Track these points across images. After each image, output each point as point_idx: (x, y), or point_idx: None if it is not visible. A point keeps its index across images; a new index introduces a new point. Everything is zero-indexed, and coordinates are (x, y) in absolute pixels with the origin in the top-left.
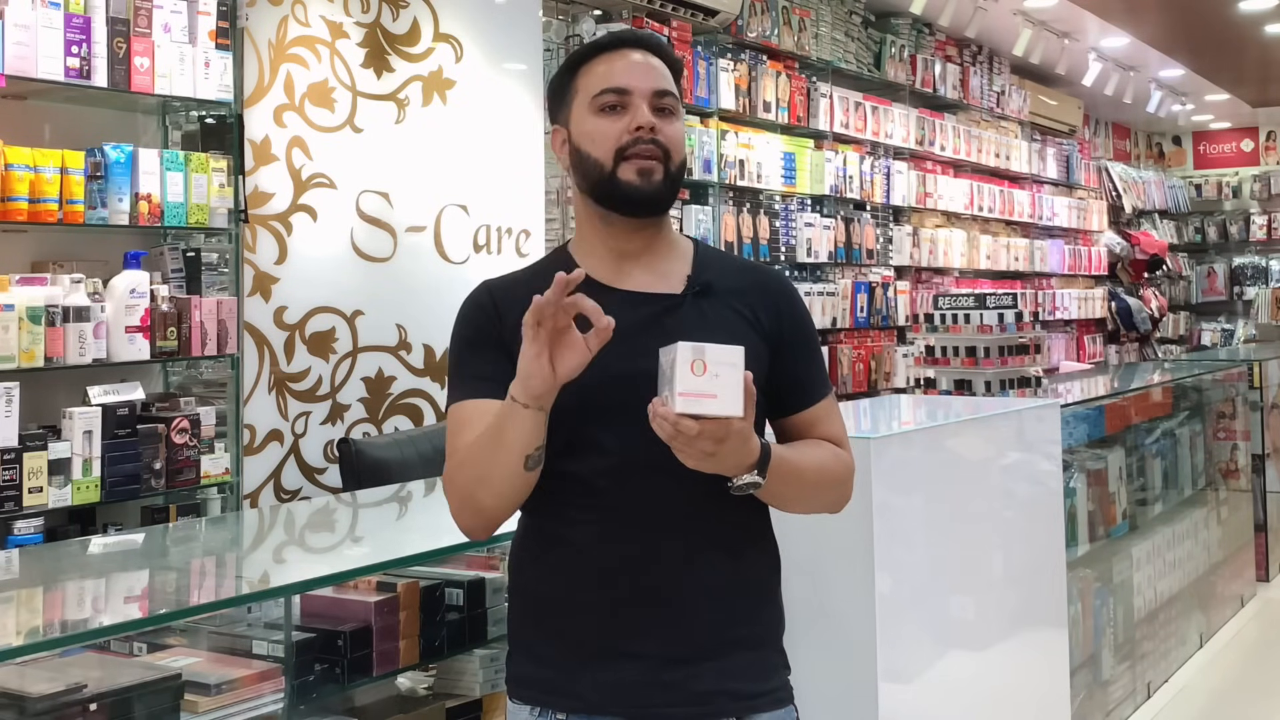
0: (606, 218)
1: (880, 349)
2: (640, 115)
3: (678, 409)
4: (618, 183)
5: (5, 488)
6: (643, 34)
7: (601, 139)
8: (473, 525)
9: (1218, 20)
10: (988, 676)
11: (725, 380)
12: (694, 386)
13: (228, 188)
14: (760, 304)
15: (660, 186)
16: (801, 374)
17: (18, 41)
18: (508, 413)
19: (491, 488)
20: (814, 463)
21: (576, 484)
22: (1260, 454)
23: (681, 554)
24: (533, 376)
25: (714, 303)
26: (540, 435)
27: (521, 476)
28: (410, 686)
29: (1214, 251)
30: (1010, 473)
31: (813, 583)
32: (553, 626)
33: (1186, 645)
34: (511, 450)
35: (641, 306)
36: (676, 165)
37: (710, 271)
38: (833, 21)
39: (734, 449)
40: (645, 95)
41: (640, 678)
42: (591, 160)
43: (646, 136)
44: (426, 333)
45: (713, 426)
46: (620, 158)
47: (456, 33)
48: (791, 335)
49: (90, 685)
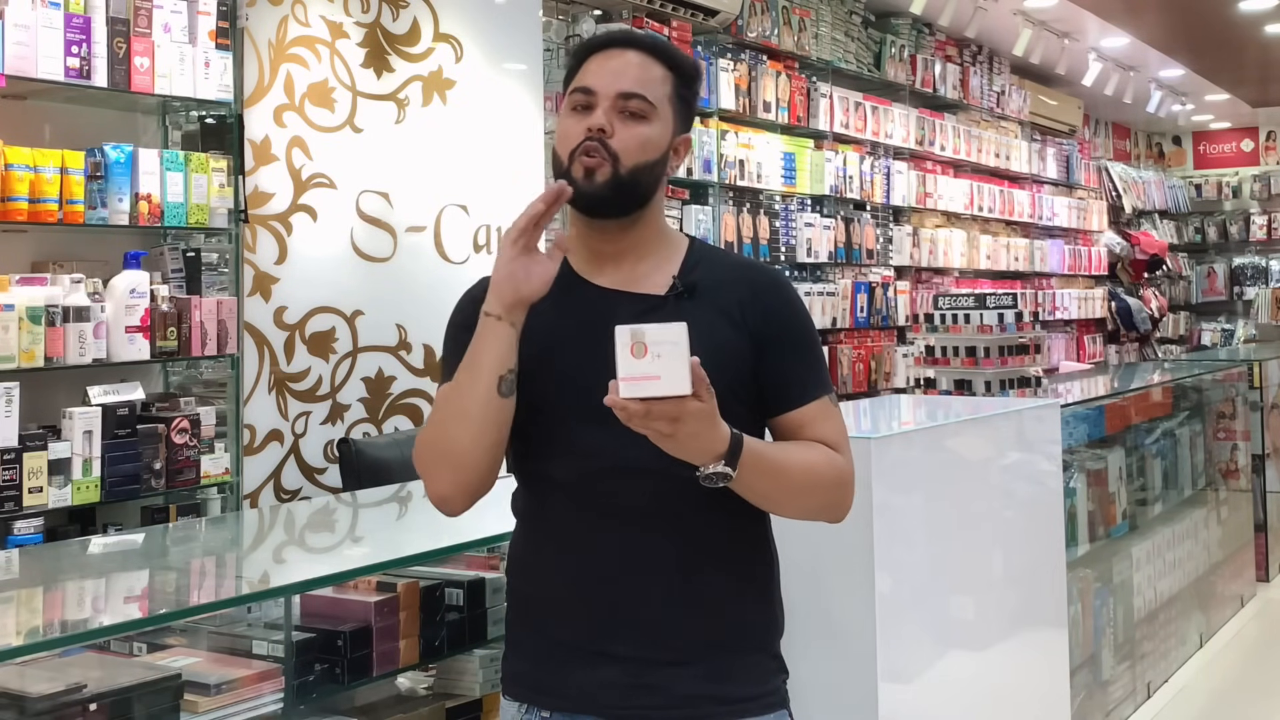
0: (582, 217)
1: (880, 349)
2: (594, 116)
3: (621, 394)
4: (571, 181)
5: (5, 488)
6: (639, 34)
7: (563, 138)
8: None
9: (1218, 20)
10: (988, 676)
11: (668, 359)
12: (636, 370)
13: (228, 188)
14: (748, 302)
15: (602, 188)
16: (791, 373)
17: (18, 41)
18: (481, 330)
19: (469, 424)
20: (800, 462)
21: (561, 487)
22: (1260, 454)
23: (667, 556)
24: (503, 283)
25: (698, 303)
26: (512, 357)
27: (495, 405)
28: (410, 686)
29: (1214, 251)
30: (1010, 473)
31: (813, 583)
32: (540, 626)
33: (1186, 645)
34: (485, 371)
35: (623, 307)
36: (628, 169)
37: (701, 272)
38: (833, 21)
39: (694, 431)
40: (608, 96)
41: (621, 679)
42: (556, 157)
43: (594, 137)
44: (426, 333)
45: (664, 406)
46: (573, 157)
47: (456, 33)
48: (780, 334)
49: (90, 685)
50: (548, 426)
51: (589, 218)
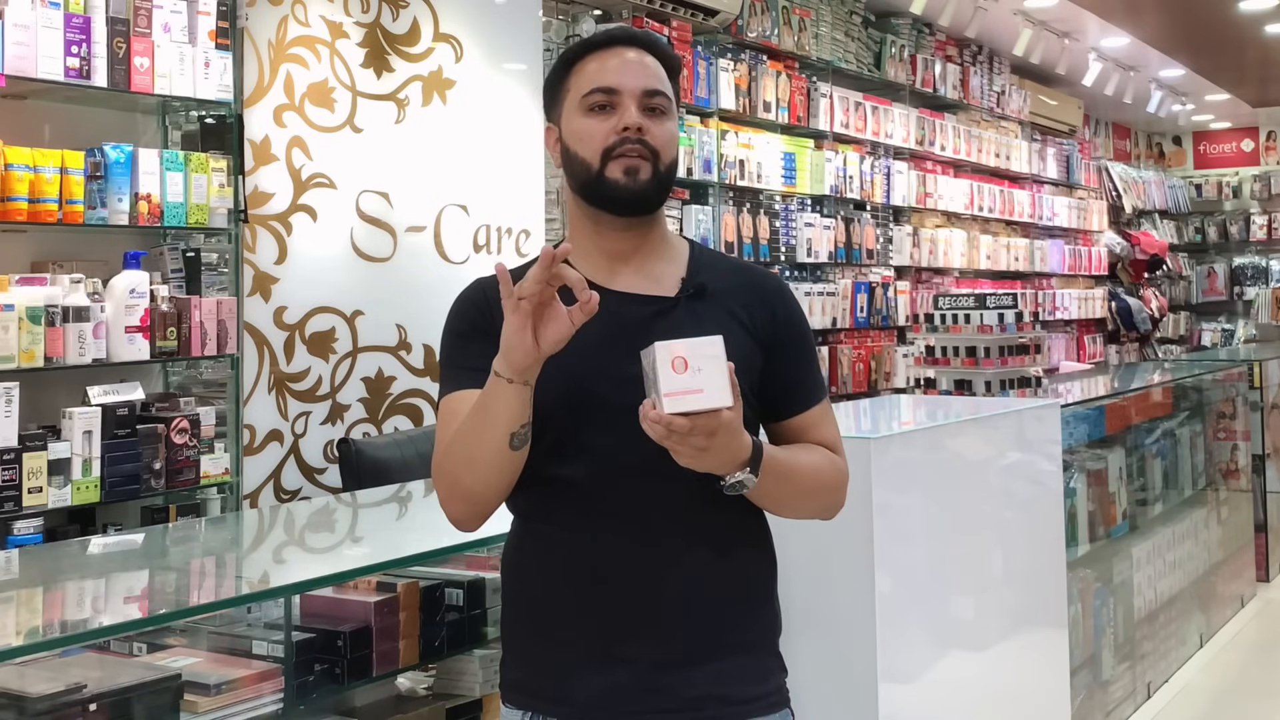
0: (596, 217)
1: (880, 349)
2: (628, 115)
3: (666, 410)
4: (605, 182)
5: (5, 488)
6: (637, 31)
7: (589, 139)
8: (461, 514)
9: (1218, 20)
10: (988, 676)
11: (709, 372)
12: (679, 385)
13: (227, 188)
14: (755, 306)
15: (647, 186)
16: (796, 377)
17: (18, 41)
18: (492, 389)
19: (478, 470)
20: (808, 466)
21: (567, 487)
22: (1260, 454)
23: (674, 558)
24: (515, 349)
25: (708, 305)
26: (525, 412)
27: (508, 456)
28: (410, 686)
29: (1214, 251)
30: (1010, 473)
31: (813, 583)
32: (544, 630)
33: (1186, 645)
34: (497, 427)
35: (634, 308)
36: (665, 165)
37: (705, 274)
38: (833, 21)
39: (725, 443)
40: (634, 95)
41: (631, 682)
42: (580, 160)
43: (633, 137)
44: (426, 333)
45: (703, 421)
46: (607, 158)
47: (456, 33)
48: (786, 338)
49: (90, 685)
50: (560, 428)
51: (621, 217)
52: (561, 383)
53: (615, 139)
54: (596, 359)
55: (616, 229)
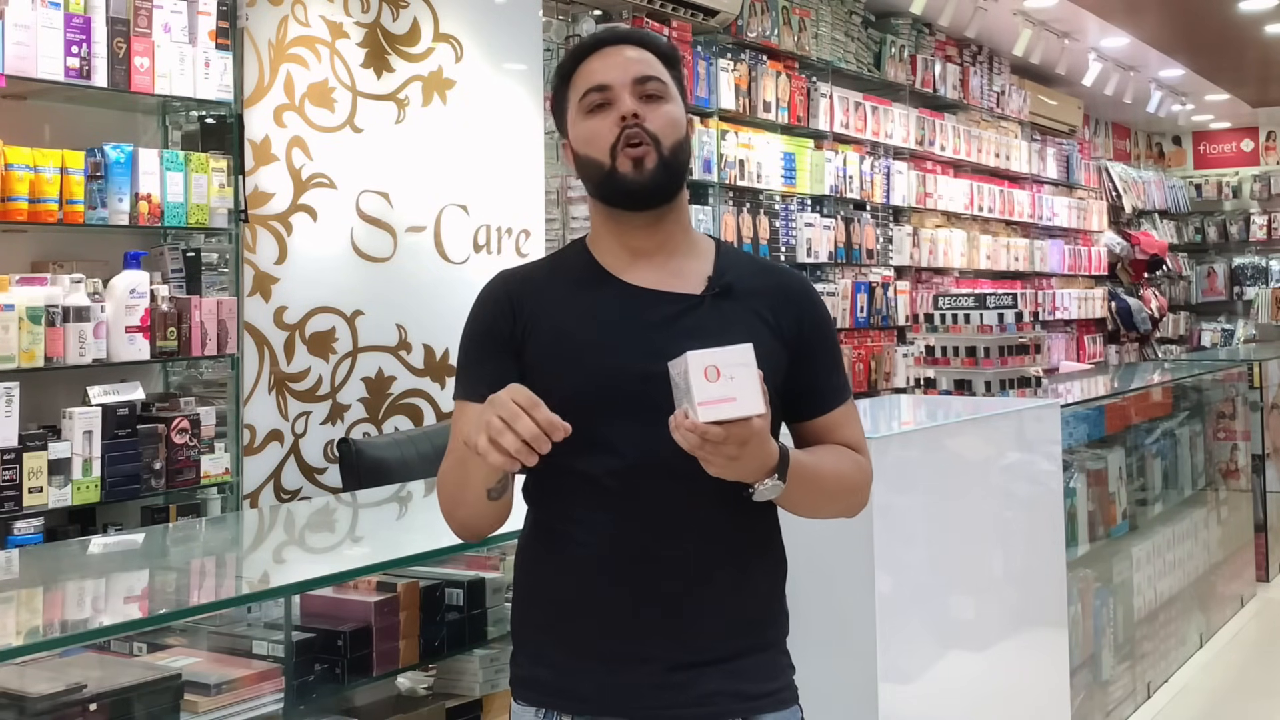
0: (616, 216)
1: (880, 349)
2: (623, 105)
3: (702, 419)
4: (616, 177)
5: (5, 488)
6: (620, 29)
7: (595, 138)
8: (460, 534)
9: (1218, 20)
10: (988, 676)
11: (741, 380)
12: (712, 394)
13: (228, 188)
14: (781, 307)
15: (655, 173)
16: (821, 379)
17: (18, 41)
18: (468, 455)
19: (462, 511)
20: (832, 469)
21: (586, 483)
22: (1260, 454)
23: (691, 557)
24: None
25: (734, 305)
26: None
27: (488, 505)
28: (410, 686)
29: (1214, 251)
30: (1010, 473)
31: (813, 583)
32: (559, 627)
33: (1186, 645)
34: (473, 485)
35: (659, 306)
36: (669, 149)
37: (731, 273)
38: (833, 21)
39: (755, 451)
40: (626, 85)
41: (647, 680)
42: (591, 161)
43: (631, 124)
44: (426, 333)
45: (737, 430)
46: (615, 153)
47: (456, 33)
48: (812, 340)
49: (90, 685)
50: (578, 423)
51: (637, 211)
52: (584, 378)
53: (618, 132)
54: (617, 354)
55: (637, 226)
